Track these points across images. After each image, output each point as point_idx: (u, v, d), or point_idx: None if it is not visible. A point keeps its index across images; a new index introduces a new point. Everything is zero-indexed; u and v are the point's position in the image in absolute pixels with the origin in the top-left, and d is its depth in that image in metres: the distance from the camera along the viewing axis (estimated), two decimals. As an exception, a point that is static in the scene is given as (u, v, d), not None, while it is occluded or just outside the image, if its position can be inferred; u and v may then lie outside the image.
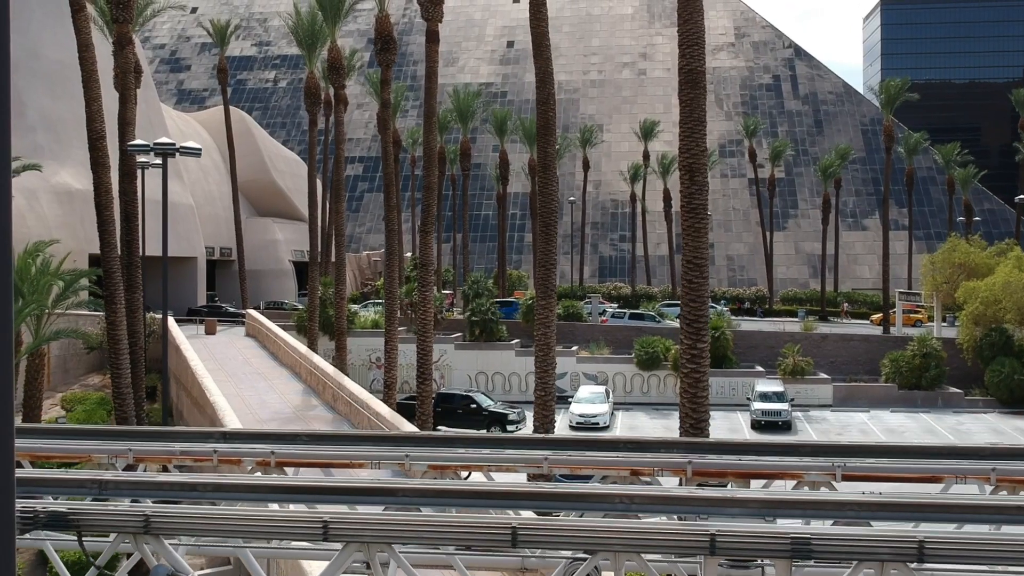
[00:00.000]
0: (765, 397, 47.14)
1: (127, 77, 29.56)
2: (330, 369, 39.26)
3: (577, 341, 56.55)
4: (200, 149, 31.18)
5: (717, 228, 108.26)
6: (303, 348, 44.24)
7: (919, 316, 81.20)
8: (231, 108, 77.66)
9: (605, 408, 47.04)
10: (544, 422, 32.77)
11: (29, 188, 54.15)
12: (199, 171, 79.18)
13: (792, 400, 48.79)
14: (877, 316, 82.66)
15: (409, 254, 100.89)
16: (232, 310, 67.15)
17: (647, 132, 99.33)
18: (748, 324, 73.19)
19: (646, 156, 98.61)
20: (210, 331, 57.57)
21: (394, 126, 60.95)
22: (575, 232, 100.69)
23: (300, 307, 72.52)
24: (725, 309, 75.67)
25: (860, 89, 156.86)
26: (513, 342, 55.03)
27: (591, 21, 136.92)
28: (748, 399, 48.96)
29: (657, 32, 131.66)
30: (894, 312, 66.86)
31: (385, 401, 39.90)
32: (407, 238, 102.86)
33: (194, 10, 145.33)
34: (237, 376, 43.69)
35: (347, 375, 46.30)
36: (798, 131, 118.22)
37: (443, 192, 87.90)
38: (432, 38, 29.52)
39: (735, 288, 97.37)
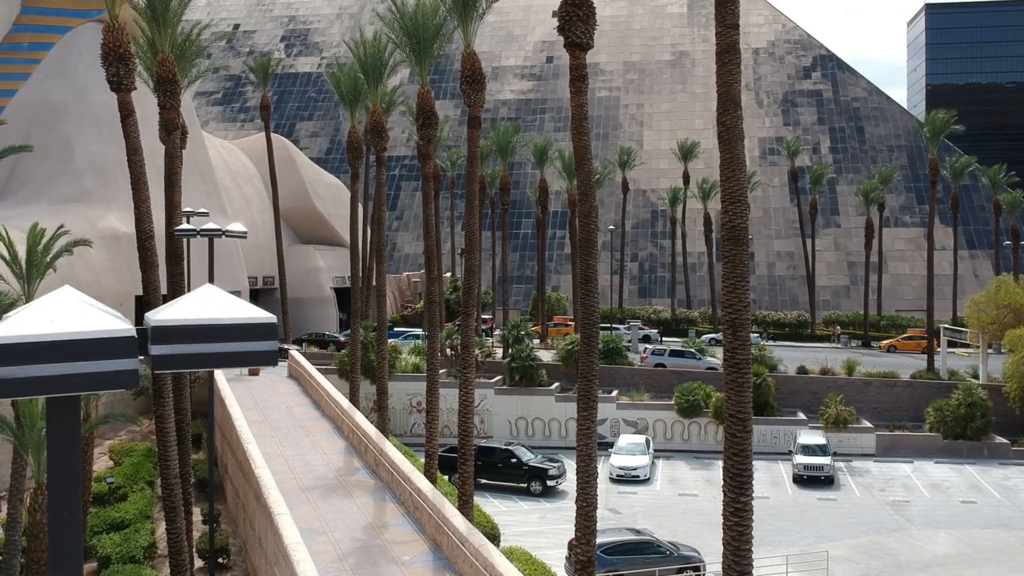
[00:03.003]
0: (808, 450, 46.82)
1: (173, 162, 30.03)
2: (372, 431, 39.55)
3: (617, 385, 56.49)
4: (245, 233, 31.66)
5: (756, 234, 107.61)
6: (345, 403, 44.59)
7: (894, 342, 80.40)
8: (272, 135, 78.45)
9: (645, 460, 47.01)
10: (586, 484, 31.18)
11: (76, 235, 54.99)
12: (243, 202, 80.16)
13: (835, 453, 48.47)
14: (886, 343, 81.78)
15: (448, 274, 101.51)
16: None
17: (687, 152, 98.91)
18: (788, 353, 72.65)
19: (686, 178, 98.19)
20: (253, 372, 58.18)
21: (434, 158, 61.21)
22: (615, 254, 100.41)
23: (342, 338, 73.29)
24: (762, 340, 75.18)
25: (904, 86, 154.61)
26: (553, 386, 55.12)
27: (631, 18, 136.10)
28: (790, 451, 48.67)
29: (699, 32, 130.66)
30: (911, 337, 65.86)
31: (427, 449, 40.23)
32: (446, 255, 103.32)
33: (236, 27, 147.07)
34: (280, 431, 44.17)
35: (388, 420, 46.83)
36: (840, 147, 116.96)
37: (483, 213, 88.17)
38: (474, 123, 29.68)
39: (775, 312, 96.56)
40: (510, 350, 54.74)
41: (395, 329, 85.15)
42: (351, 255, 50.80)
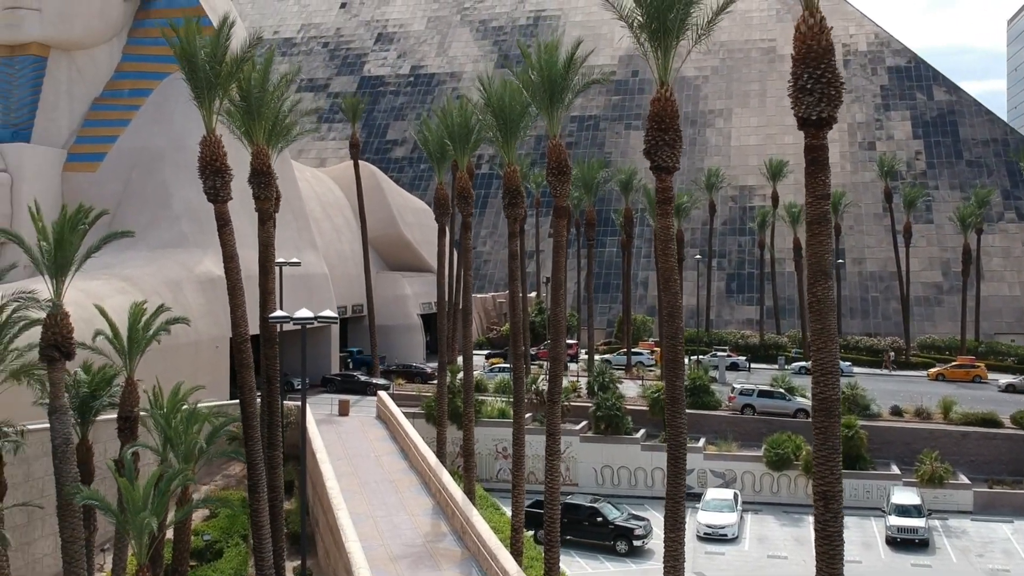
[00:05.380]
0: (902, 511, 45.69)
1: (268, 250, 30.83)
2: (458, 495, 39.97)
3: (704, 433, 56.00)
4: (337, 318, 32.23)
5: (846, 247, 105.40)
6: (432, 458, 45.15)
7: (978, 371, 77.29)
8: (360, 163, 79.73)
9: (733, 518, 46.48)
10: (674, 544, 30.06)
11: (174, 280, 56.79)
12: (332, 232, 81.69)
13: (930, 512, 47.23)
14: (933, 371, 79.03)
15: (533, 294, 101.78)
16: (363, 379, 68.98)
17: (775, 172, 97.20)
18: (878, 384, 71.07)
19: (775, 200, 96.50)
20: (343, 412, 59.30)
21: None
22: (701, 278, 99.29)
23: (428, 369, 74.13)
24: (852, 376, 73.43)
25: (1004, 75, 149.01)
26: (638, 434, 54.90)
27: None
28: (883, 511, 47.57)
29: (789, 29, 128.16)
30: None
31: (514, 500, 40.49)
32: (530, 273, 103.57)
33: (329, 42, 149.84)
34: (369, 485, 44.92)
35: (474, 467, 47.19)
36: (935, 161, 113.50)
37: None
38: (560, 214, 29.79)
39: (868, 337, 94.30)
40: (595, 397, 54.70)
41: (480, 352, 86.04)
42: (438, 317, 51.19)
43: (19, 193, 59.28)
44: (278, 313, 30.82)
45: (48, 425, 30.30)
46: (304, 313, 29.99)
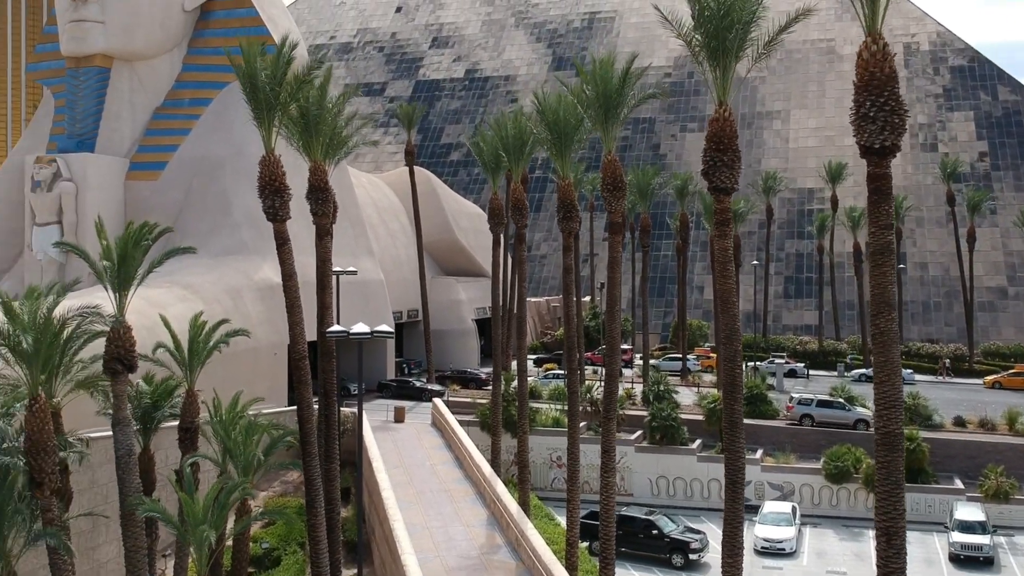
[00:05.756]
0: (965, 527, 44.68)
1: (325, 266, 31.12)
2: (513, 507, 39.97)
3: (762, 444, 55.33)
4: (392, 333, 32.40)
5: (908, 249, 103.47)
6: (487, 468, 45.22)
7: (999, 378, 75.27)
8: (416, 168, 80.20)
9: (791, 532, 45.86)
10: (732, 559, 29.46)
11: (234, 287, 57.58)
12: (388, 237, 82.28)
13: (995, 528, 46.14)
14: (991, 379, 76.85)
15: (588, 298, 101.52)
16: (419, 385, 69.39)
17: (835, 175, 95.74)
18: (941, 393, 69.71)
19: (834, 203, 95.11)
20: (399, 419, 59.68)
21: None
22: (759, 283, 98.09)
23: (483, 375, 74.32)
24: (914, 383, 72.13)
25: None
26: (694, 445, 54.43)
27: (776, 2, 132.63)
28: (946, 527, 46.58)
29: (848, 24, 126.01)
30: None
31: (568, 515, 40.38)
32: (584, 276, 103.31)
33: (385, 46, 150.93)
34: (424, 495, 45.12)
35: (527, 478, 47.14)
36: (999, 163, 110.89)
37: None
38: (615, 230, 29.63)
39: (930, 343, 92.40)
40: (651, 407, 54.33)
41: (533, 356, 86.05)
42: (492, 328, 51.17)
43: (84, 202, 60.61)
44: (335, 328, 31.08)
45: (111, 433, 31.00)
46: (361, 327, 30.18)
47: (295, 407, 36.67)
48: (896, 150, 17.84)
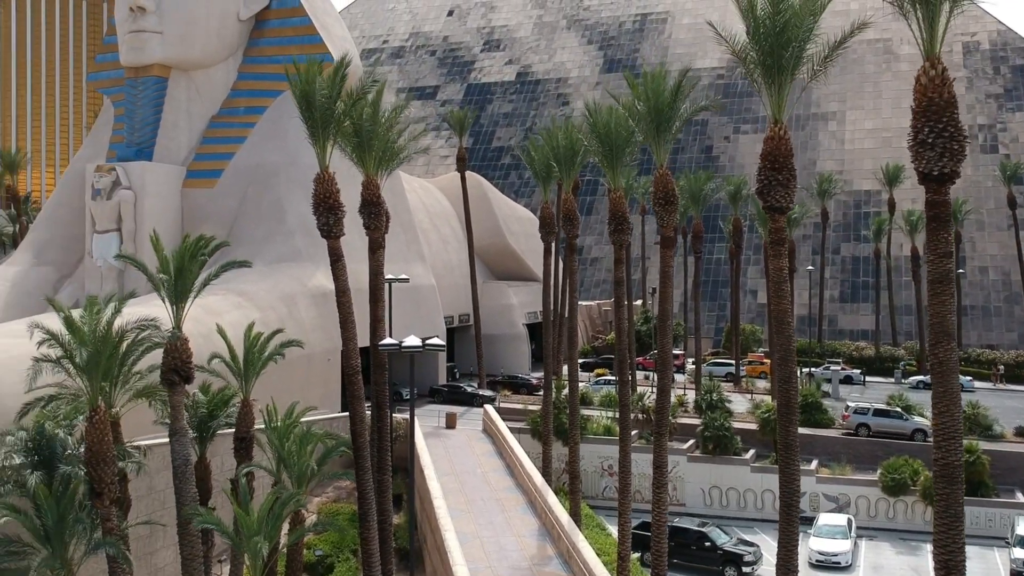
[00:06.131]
0: (1027, 543, 43.68)
1: (377, 278, 31.33)
2: (564, 518, 39.90)
3: (816, 454, 54.57)
4: (444, 346, 32.53)
5: (967, 249, 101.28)
6: (538, 478, 45.19)
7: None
8: (467, 173, 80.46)
9: (847, 545, 45.16)
10: (786, 573, 28.94)
11: (289, 294, 58.20)
12: (440, 243, 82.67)
13: (1058, 545, 44.97)
14: None
15: (639, 302, 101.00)
16: (470, 390, 69.61)
17: (892, 178, 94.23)
18: (1000, 401, 68.21)
19: (891, 206, 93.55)
20: (450, 424, 59.89)
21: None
22: (813, 287, 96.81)
23: (534, 380, 74.35)
24: (973, 391, 70.61)
25: None
26: (748, 455, 53.86)
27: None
28: (1007, 542, 45.53)
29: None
30: None
31: (620, 529, 40.20)
32: (635, 280, 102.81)
33: (437, 49, 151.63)
34: (475, 504, 45.25)
35: (579, 485, 47.02)
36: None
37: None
38: (667, 244, 29.43)
39: (989, 350, 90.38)
40: (704, 416, 53.88)
41: (584, 359, 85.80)
42: (543, 337, 51.10)
43: (142, 210, 61.68)
44: (388, 340, 31.26)
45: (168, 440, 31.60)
46: (413, 340, 30.33)
47: (348, 413, 37.11)
48: (955, 176, 17.45)
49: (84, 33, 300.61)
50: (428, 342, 31.24)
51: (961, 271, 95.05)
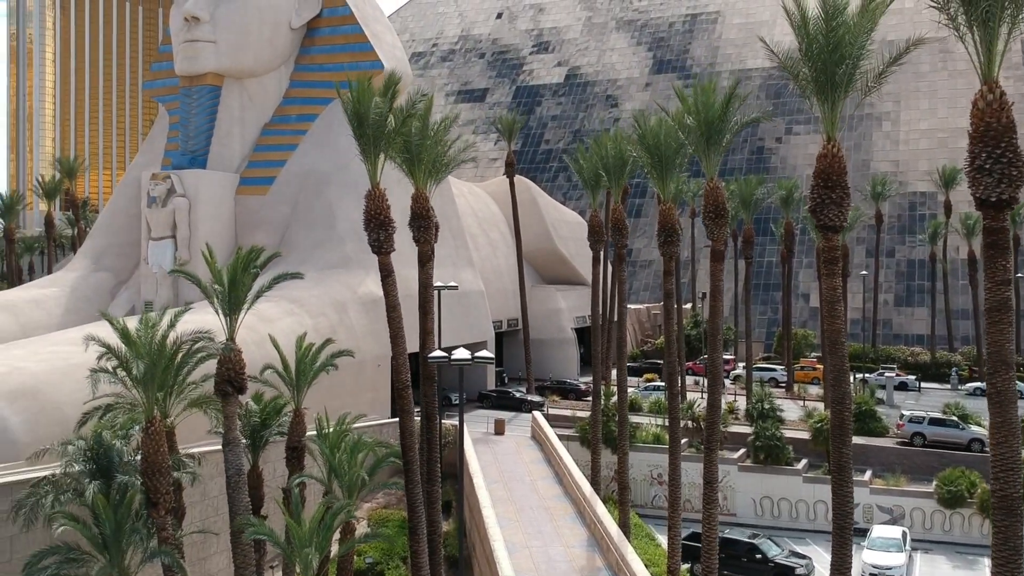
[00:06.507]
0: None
1: (427, 291, 31.49)
2: (613, 529, 39.76)
3: (871, 464, 53.77)
4: (493, 359, 32.63)
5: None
6: (587, 487, 45.09)
7: None
8: (516, 177, 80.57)
9: (901, 559, 44.40)
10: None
11: (339, 301, 58.74)
12: (489, 247, 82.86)
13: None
14: None
15: (688, 305, 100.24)
16: (519, 395, 69.68)
17: (948, 180, 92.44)
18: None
19: (947, 209, 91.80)
20: (499, 431, 60.00)
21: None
22: (867, 291, 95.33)
23: (582, 386, 74.25)
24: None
25: None
26: (800, 465, 53.22)
27: None
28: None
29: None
30: None
31: (670, 543, 39.99)
32: (684, 284, 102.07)
33: (487, 52, 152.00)
34: (524, 512, 45.27)
35: (628, 500, 46.89)
36: None
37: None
38: (717, 257, 29.21)
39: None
40: (755, 426, 53.37)
41: (633, 363, 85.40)
42: (592, 347, 50.95)
43: (196, 217, 62.65)
44: (437, 353, 31.42)
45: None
46: (462, 353, 30.45)
47: (397, 419, 37.42)
48: (1014, 203, 17.05)
49: (140, 39, 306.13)
50: (477, 355, 31.34)
51: (1021, 275, 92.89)
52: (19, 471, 33.05)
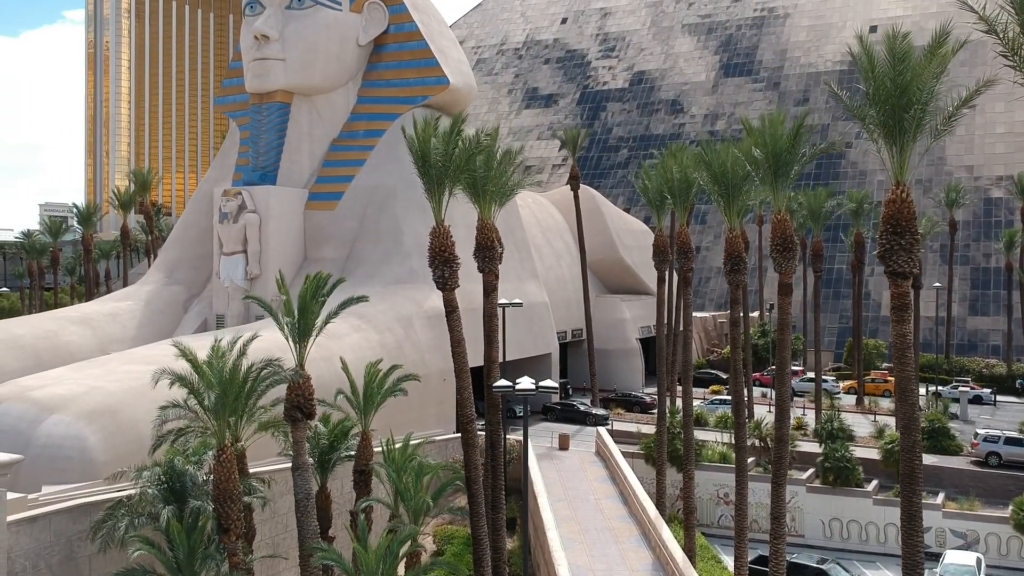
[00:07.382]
0: None
1: (492, 321, 31.70)
2: (679, 555, 39.55)
3: (944, 486, 52.60)
4: (557, 388, 32.70)
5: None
6: (652, 510, 44.89)
7: None
8: (581, 187, 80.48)
9: (975, 587, 43.43)
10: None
11: (405, 316, 59.33)
12: (553, 257, 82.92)
13: None
14: None
15: (756, 314, 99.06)
16: (583, 408, 69.67)
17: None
18: None
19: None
20: (563, 446, 60.04)
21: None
22: (940, 300, 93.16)
23: (647, 399, 73.90)
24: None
25: None
26: (870, 486, 52.27)
27: None
28: None
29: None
30: None
31: (736, 560, 39.70)
32: (752, 291, 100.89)
33: (552, 56, 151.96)
34: (589, 533, 45.25)
35: (693, 524, 46.60)
36: None
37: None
38: (784, 291, 28.87)
39: None
40: (824, 446, 52.56)
41: (700, 372, 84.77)
42: (657, 366, 50.70)
43: (267, 232, 63.80)
44: (501, 383, 31.62)
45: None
46: (527, 382, 30.61)
47: (461, 435, 37.76)
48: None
49: (212, 45, 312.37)
50: (541, 384, 31.45)
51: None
52: (98, 492, 34.12)
